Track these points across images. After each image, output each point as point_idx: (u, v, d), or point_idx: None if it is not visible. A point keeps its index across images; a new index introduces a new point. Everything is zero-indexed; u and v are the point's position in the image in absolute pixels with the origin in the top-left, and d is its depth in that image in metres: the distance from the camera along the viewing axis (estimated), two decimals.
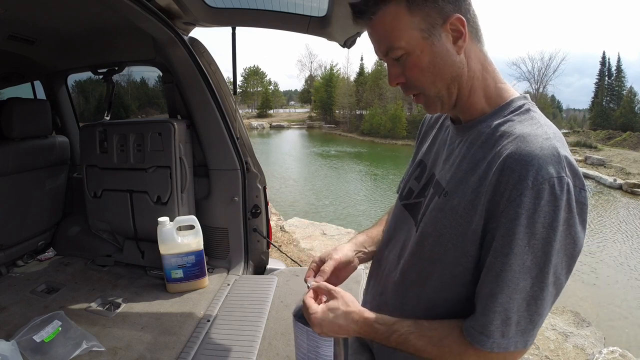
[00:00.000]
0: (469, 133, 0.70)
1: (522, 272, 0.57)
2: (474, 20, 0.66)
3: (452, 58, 0.65)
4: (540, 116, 0.66)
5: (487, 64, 0.69)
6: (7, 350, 1.14)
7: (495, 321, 0.59)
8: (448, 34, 0.64)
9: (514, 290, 0.58)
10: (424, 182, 0.79)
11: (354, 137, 31.87)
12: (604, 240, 7.56)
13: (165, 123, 1.79)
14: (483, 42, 0.69)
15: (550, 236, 0.56)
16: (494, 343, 0.60)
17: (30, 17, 1.66)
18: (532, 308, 0.59)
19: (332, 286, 0.75)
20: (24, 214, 1.95)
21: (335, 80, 41.12)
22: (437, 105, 0.70)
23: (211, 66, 1.83)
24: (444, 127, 0.82)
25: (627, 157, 16.36)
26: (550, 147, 0.58)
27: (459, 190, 0.66)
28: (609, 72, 31.85)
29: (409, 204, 0.81)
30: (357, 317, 0.71)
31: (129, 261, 1.94)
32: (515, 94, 0.70)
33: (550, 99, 38.47)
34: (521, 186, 0.56)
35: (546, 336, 2.68)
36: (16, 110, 1.82)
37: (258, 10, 1.54)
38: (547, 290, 0.59)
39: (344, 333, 0.72)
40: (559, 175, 0.56)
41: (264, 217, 1.97)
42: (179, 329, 1.40)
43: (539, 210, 0.56)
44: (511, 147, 0.59)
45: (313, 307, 0.73)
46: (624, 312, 4.51)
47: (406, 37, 0.64)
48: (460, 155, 0.70)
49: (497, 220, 0.59)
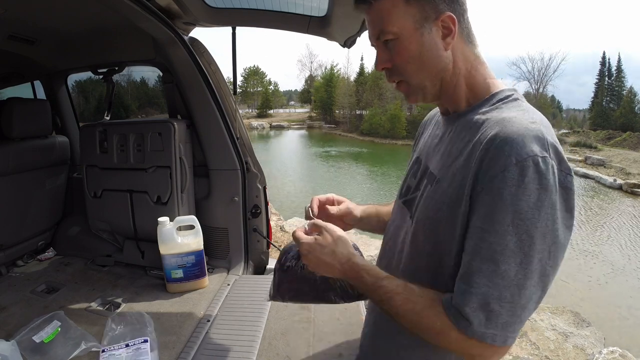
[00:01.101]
0: (458, 122, 0.72)
1: (504, 254, 0.56)
2: (467, 25, 0.70)
3: (438, 52, 0.68)
4: (528, 105, 0.67)
5: (477, 63, 0.71)
6: (7, 351, 1.14)
7: (472, 303, 0.57)
8: (438, 29, 0.67)
9: (494, 273, 0.56)
10: (419, 177, 0.80)
11: (354, 137, 31.88)
12: (604, 240, 7.56)
13: (165, 123, 1.79)
14: (476, 45, 0.72)
15: (535, 216, 0.55)
16: (470, 328, 0.58)
17: (30, 17, 1.66)
18: (515, 298, 0.56)
19: (329, 224, 0.77)
20: (24, 214, 1.95)
21: (336, 80, 41.12)
22: (419, 95, 0.73)
23: (211, 66, 1.83)
24: (437, 123, 0.84)
25: (627, 157, 16.36)
26: (535, 129, 0.58)
27: (447, 175, 0.67)
28: (609, 72, 31.87)
29: (407, 200, 0.82)
30: (344, 259, 0.72)
31: (129, 261, 1.94)
32: (504, 87, 0.71)
33: (550, 99, 38.48)
34: (504, 162, 0.56)
35: (546, 336, 2.68)
36: (16, 110, 1.82)
37: (258, 10, 1.54)
38: (532, 279, 0.56)
39: (328, 270, 0.74)
40: (542, 155, 0.55)
41: (264, 217, 1.97)
42: (179, 329, 1.40)
43: (523, 187, 0.55)
44: (496, 128, 0.60)
45: (302, 237, 0.75)
46: (624, 312, 4.51)
47: (399, 23, 0.67)
48: (451, 142, 0.71)
49: (479, 197, 0.59)
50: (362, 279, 0.70)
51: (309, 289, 0.80)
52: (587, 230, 8.04)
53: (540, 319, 2.91)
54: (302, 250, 0.74)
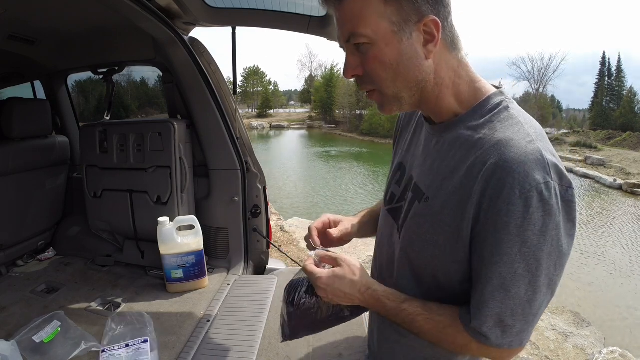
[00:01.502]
0: (446, 135, 0.67)
1: (513, 279, 0.57)
2: (451, 30, 0.63)
3: (419, 61, 0.61)
4: (519, 114, 0.63)
5: (461, 69, 0.65)
6: (7, 351, 1.14)
7: (487, 324, 0.61)
8: (420, 34, 0.59)
9: (506, 297, 0.58)
10: (403, 186, 0.77)
11: (354, 137, 31.86)
12: (604, 240, 7.56)
13: (165, 123, 1.79)
14: (460, 49, 0.65)
15: (541, 242, 0.56)
16: (489, 341, 0.62)
17: (30, 17, 1.66)
18: (527, 311, 0.59)
19: (339, 254, 0.75)
20: (24, 214, 1.95)
21: (336, 80, 41.11)
22: (394, 106, 0.66)
23: (211, 66, 1.83)
24: (419, 126, 0.79)
25: (627, 157, 16.35)
26: (534, 151, 0.56)
27: (439, 196, 0.65)
28: (609, 72, 31.87)
29: (392, 208, 0.80)
30: (364, 288, 0.71)
31: (129, 261, 1.94)
32: (491, 89, 0.66)
33: (550, 99, 38.47)
34: (509, 196, 0.55)
35: (546, 336, 2.68)
36: (16, 110, 1.82)
37: (258, 10, 1.54)
38: (541, 292, 0.59)
39: (348, 301, 0.72)
40: (545, 180, 0.55)
41: (264, 217, 1.97)
42: (179, 329, 1.40)
43: (528, 219, 0.55)
44: (495, 155, 0.57)
45: (316, 271, 0.72)
46: (624, 312, 4.50)
47: (374, 25, 0.59)
48: (439, 158, 0.67)
49: (485, 230, 0.58)
50: (384, 306, 0.70)
51: (326, 316, 0.79)
52: (586, 231, 8.04)
53: (540, 319, 2.91)
54: (320, 284, 0.71)
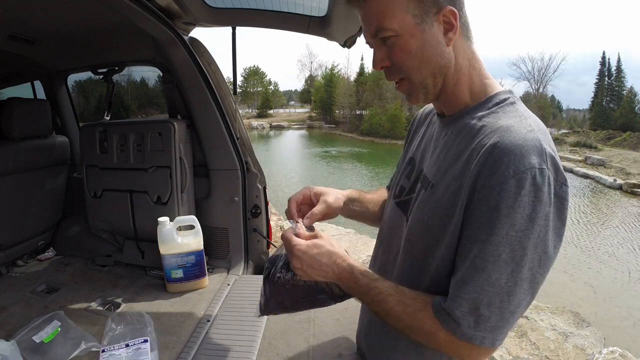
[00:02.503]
0: (453, 125, 0.70)
1: (496, 264, 0.57)
2: (465, 19, 0.68)
3: (441, 48, 0.66)
4: (524, 110, 0.66)
5: (474, 61, 0.70)
6: (7, 351, 1.14)
7: (462, 307, 0.59)
8: (440, 24, 0.65)
9: (486, 282, 0.57)
10: (413, 179, 0.79)
11: (354, 137, 31.87)
12: (604, 240, 7.56)
13: (165, 123, 1.79)
14: (472, 41, 0.70)
15: (529, 228, 0.56)
16: (459, 329, 0.59)
17: (30, 17, 1.66)
18: (504, 304, 0.58)
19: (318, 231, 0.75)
20: (24, 214, 1.95)
21: (336, 80, 41.12)
22: (421, 94, 0.70)
23: (211, 66, 1.83)
24: (432, 123, 0.82)
25: (627, 157, 16.35)
26: (534, 139, 0.57)
27: (443, 182, 0.66)
28: (609, 72, 31.86)
29: (401, 201, 0.81)
30: (340, 260, 0.70)
31: (129, 261, 1.94)
32: (500, 88, 0.70)
33: (550, 99, 38.46)
34: (503, 175, 0.56)
35: (546, 336, 2.68)
36: (16, 110, 1.82)
37: (258, 10, 1.54)
38: (522, 287, 0.57)
39: (321, 274, 0.71)
40: (540, 166, 0.55)
41: (264, 217, 1.97)
42: (179, 329, 1.40)
43: (519, 200, 0.55)
44: (494, 137, 0.59)
45: (296, 239, 0.72)
46: (624, 312, 4.51)
47: (398, 19, 0.64)
48: (446, 147, 0.70)
49: (475, 208, 0.59)
50: (357, 280, 0.69)
51: (301, 295, 0.78)
52: (587, 231, 8.03)
53: (540, 319, 2.91)
54: (296, 252, 0.71)
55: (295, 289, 0.77)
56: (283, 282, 0.77)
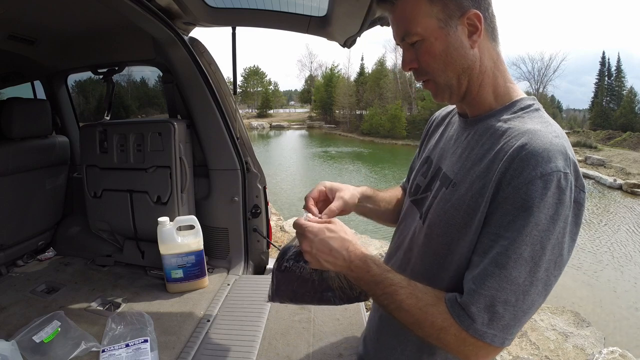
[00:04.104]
0: (478, 126, 0.72)
1: (517, 261, 0.57)
2: (492, 19, 0.69)
3: (465, 50, 0.67)
4: (548, 117, 0.68)
5: (499, 62, 0.71)
6: (7, 350, 1.14)
7: (478, 303, 0.59)
8: (464, 27, 0.66)
9: (505, 279, 0.58)
10: (430, 177, 0.80)
11: (354, 137, 31.86)
12: (605, 240, 7.55)
13: (165, 123, 1.79)
14: (498, 42, 0.71)
15: (550, 229, 0.57)
16: (472, 326, 0.59)
17: (30, 17, 1.66)
18: (519, 303, 0.58)
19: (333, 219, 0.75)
20: (24, 214, 1.95)
21: (336, 80, 41.10)
22: (446, 94, 0.72)
23: (211, 66, 1.83)
24: (451, 124, 0.84)
25: (627, 157, 16.35)
26: (559, 144, 0.59)
27: (466, 180, 0.67)
28: (609, 72, 31.85)
29: (416, 199, 0.82)
30: (352, 247, 0.70)
31: (129, 261, 1.94)
32: (523, 94, 0.72)
33: (550, 99, 38.45)
34: (530, 175, 0.57)
35: (546, 336, 2.68)
36: (16, 110, 1.82)
37: (258, 10, 1.54)
38: (538, 287, 0.58)
39: (331, 260, 0.69)
40: (565, 170, 0.57)
41: (264, 217, 1.97)
42: (179, 329, 1.40)
43: (545, 201, 0.56)
44: (522, 139, 0.61)
45: (308, 222, 0.72)
46: (624, 312, 4.50)
47: (423, 23, 0.66)
48: (469, 147, 0.71)
49: (500, 206, 0.60)
50: (369, 269, 0.68)
51: (308, 289, 0.78)
52: (587, 230, 8.03)
53: (540, 319, 2.91)
54: (308, 234, 0.70)
55: (303, 281, 0.77)
56: (291, 272, 0.77)
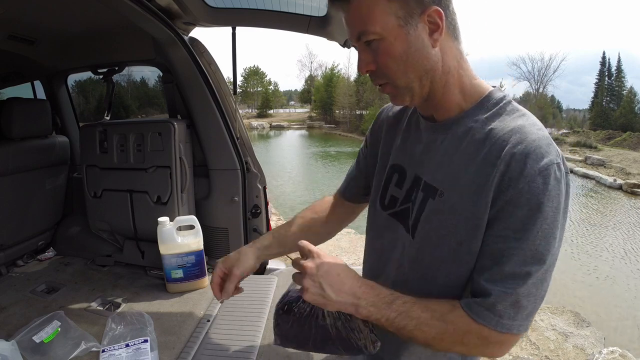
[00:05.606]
0: (454, 129, 0.69)
1: (535, 257, 0.59)
2: (453, 17, 0.65)
3: (426, 50, 0.63)
4: (521, 108, 0.68)
5: (463, 61, 0.68)
6: (7, 350, 1.14)
7: (505, 302, 0.60)
8: (425, 25, 0.62)
9: (527, 275, 0.59)
10: (407, 187, 0.76)
11: (354, 137, 31.83)
12: (605, 240, 7.55)
13: (165, 123, 1.79)
14: (460, 40, 0.68)
15: (556, 218, 0.59)
16: (500, 322, 0.60)
17: (30, 17, 1.66)
18: (539, 292, 0.60)
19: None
20: (24, 214, 1.95)
21: (336, 80, 41.10)
22: (407, 97, 0.68)
23: (211, 66, 1.83)
24: (411, 125, 0.79)
25: (627, 157, 16.35)
26: (545, 136, 0.61)
27: (455, 189, 0.66)
28: (609, 72, 31.86)
29: (396, 212, 0.78)
30: (355, 273, 0.68)
31: (129, 261, 1.94)
32: (490, 87, 0.70)
33: (550, 99, 38.46)
34: (529, 174, 0.58)
35: (546, 336, 2.68)
36: (16, 110, 1.82)
37: (258, 10, 1.54)
38: (550, 273, 0.61)
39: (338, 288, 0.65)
40: (557, 161, 0.59)
41: (264, 217, 1.97)
42: (179, 329, 1.40)
43: (548, 194, 0.57)
44: (511, 139, 0.61)
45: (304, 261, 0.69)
46: (624, 312, 4.50)
47: (381, 21, 0.62)
48: (448, 153, 0.68)
49: (505, 209, 0.60)
50: (379, 292, 0.66)
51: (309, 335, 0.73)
52: (587, 230, 8.03)
53: (540, 319, 2.91)
54: (309, 270, 0.66)
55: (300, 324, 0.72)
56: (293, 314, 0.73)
